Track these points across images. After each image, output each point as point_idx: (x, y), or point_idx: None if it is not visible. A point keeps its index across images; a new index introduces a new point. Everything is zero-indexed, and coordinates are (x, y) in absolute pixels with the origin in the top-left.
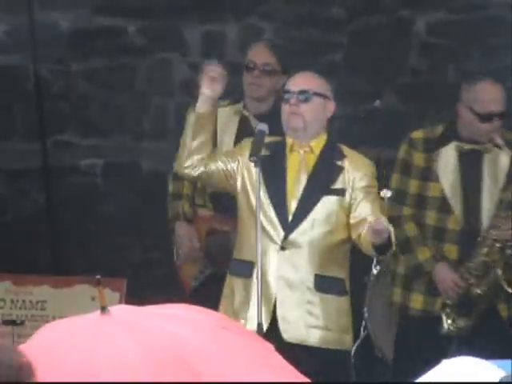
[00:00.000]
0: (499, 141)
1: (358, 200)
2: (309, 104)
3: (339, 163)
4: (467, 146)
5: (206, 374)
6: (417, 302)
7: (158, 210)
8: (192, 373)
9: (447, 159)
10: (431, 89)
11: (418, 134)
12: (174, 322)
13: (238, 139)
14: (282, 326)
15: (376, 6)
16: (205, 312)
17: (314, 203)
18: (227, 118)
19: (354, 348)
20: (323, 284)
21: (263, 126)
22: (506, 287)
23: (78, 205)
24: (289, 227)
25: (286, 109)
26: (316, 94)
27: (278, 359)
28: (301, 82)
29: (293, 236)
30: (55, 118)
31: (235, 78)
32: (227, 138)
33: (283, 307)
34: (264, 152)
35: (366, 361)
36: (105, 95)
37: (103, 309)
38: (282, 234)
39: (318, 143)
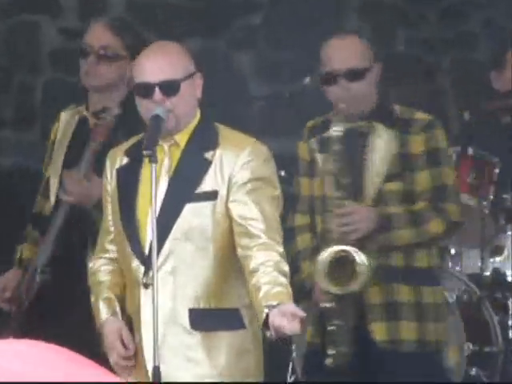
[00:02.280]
0: (342, 105)
1: (236, 205)
2: (177, 95)
3: (207, 155)
4: (347, 126)
5: None
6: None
7: (19, 212)
8: None
9: (325, 147)
10: None
11: (309, 124)
12: (16, 358)
13: (73, 144)
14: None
15: None
16: (51, 347)
17: (175, 217)
18: (66, 123)
19: None
20: (204, 319)
21: (159, 110)
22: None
23: None
24: (147, 258)
25: (145, 105)
26: (184, 79)
27: None
28: (157, 66)
29: (154, 269)
30: None
31: None
32: (62, 146)
33: (160, 358)
34: (123, 161)
35: None
36: None
37: None
38: (141, 268)
39: (185, 133)
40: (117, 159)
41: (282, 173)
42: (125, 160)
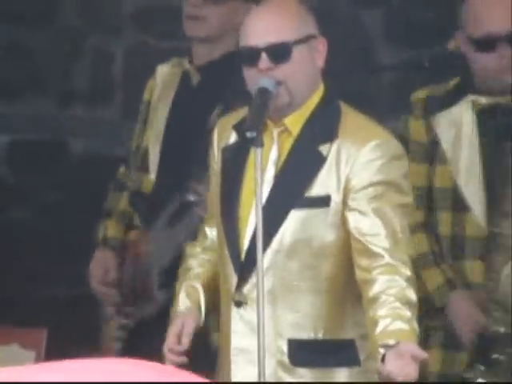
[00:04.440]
0: (508, 78)
1: (353, 216)
2: (289, 63)
3: (322, 149)
4: (484, 101)
5: None
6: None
7: (92, 206)
8: None
9: (457, 125)
10: None
11: (420, 94)
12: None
13: (176, 106)
14: None
15: None
16: (158, 367)
17: (277, 224)
18: (166, 79)
19: None
20: (307, 353)
21: (267, 82)
22: None
23: None
24: (242, 268)
25: (251, 75)
26: (296, 42)
27: None
28: (264, 26)
29: (250, 282)
30: None
31: None
32: (162, 107)
33: None
34: (231, 138)
35: None
36: None
37: None
38: (234, 278)
39: (299, 115)
40: (225, 133)
41: None
42: (233, 137)
